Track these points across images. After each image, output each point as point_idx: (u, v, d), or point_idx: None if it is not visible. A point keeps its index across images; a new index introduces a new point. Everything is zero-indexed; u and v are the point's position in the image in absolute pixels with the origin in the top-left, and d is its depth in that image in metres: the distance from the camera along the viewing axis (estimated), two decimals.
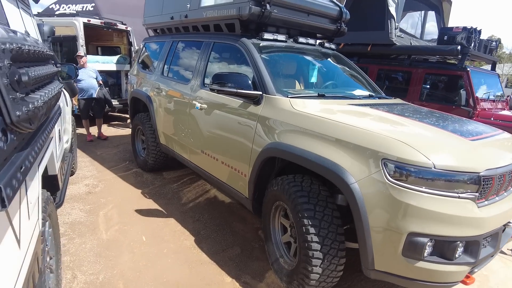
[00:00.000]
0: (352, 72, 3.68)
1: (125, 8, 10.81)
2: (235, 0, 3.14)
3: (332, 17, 3.74)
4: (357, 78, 3.62)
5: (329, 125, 2.15)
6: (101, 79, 6.59)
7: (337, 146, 2.06)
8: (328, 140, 2.11)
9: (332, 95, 2.87)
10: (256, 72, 2.83)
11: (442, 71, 5.10)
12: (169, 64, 4.17)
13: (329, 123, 2.16)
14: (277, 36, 3.23)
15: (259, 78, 2.77)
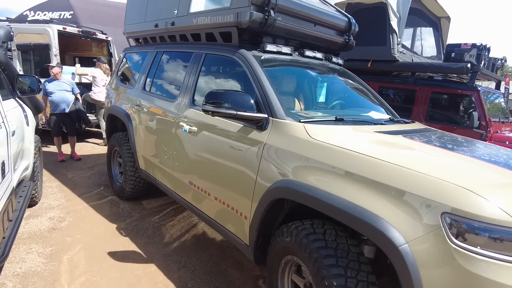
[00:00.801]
0: (363, 91, 3.22)
1: (106, 17, 10.23)
2: (232, 5, 2.66)
3: (340, 28, 3.30)
4: (369, 97, 3.17)
5: (364, 162, 1.64)
6: (78, 92, 5.94)
7: (377, 191, 1.55)
8: (363, 183, 1.60)
9: (350, 119, 2.38)
10: (259, 90, 2.32)
11: (450, 90, 4.77)
12: (152, 78, 3.62)
13: (364, 161, 1.65)
14: (282, 48, 2.74)
15: (264, 98, 2.27)
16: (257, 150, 2.14)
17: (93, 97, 6.82)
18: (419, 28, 6.10)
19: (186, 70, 3.09)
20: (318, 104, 2.94)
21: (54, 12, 10.30)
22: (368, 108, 3.03)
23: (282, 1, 2.61)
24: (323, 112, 2.59)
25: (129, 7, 4.37)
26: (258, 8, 2.55)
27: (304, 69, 2.96)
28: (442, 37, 6.68)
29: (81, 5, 10.46)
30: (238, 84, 2.68)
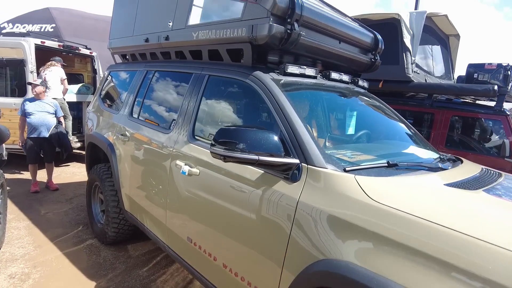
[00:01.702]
0: (394, 118, 2.70)
1: (91, 31, 9.63)
2: (245, 16, 2.12)
3: (366, 46, 2.81)
4: (399, 127, 2.65)
5: (473, 250, 1.08)
6: (62, 115, 5.27)
7: None
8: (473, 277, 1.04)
9: (402, 162, 1.83)
10: (285, 125, 1.76)
11: (474, 114, 4.33)
12: (141, 102, 3.03)
13: (474, 247, 1.09)
14: (305, 70, 2.21)
15: (292, 136, 1.70)
16: (287, 210, 1.56)
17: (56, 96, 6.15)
18: (429, 46, 5.73)
19: (184, 94, 2.51)
20: (350, 138, 2.39)
21: (34, 25, 9.64)
22: (404, 140, 2.52)
23: (308, 12, 2.08)
24: (362, 150, 2.05)
25: (115, 18, 3.81)
26: (279, 19, 2.01)
27: (330, 95, 2.43)
28: (451, 55, 6.32)
29: (64, 17, 9.85)
30: (253, 115, 2.13)
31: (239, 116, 2.24)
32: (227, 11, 2.31)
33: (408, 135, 2.55)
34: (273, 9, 1.95)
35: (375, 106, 2.70)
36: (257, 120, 2.10)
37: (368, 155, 1.91)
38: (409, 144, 2.43)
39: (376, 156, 1.95)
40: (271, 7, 1.95)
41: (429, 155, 2.23)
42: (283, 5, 1.97)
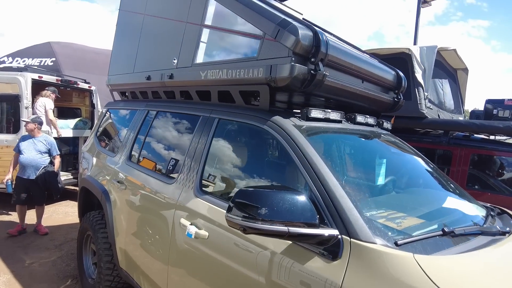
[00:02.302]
0: (422, 163, 2.41)
1: (91, 64, 9.55)
2: (261, 55, 1.88)
3: (389, 84, 2.57)
4: (429, 172, 2.35)
5: None
6: (57, 154, 4.89)
7: None
8: None
9: (457, 228, 1.51)
10: (316, 184, 1.46)
11: (497, 153, 4.07)
12: (141, 145, 2.74)
13: None
14: (330, 114, 1.94)
15: (327, 199, 1.39)
16: None
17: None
18: (439, 80, 5.58)
19: (190, 140, 2.23)
20: (382, 189, 2.08)
21: (34, 59, 9.56)
22: (437, 189, 2.22)
23: (333, 51, 1.84)
24: (401, 207, 1.74)
25: (115, 54, 3.61)
26: (302, 59, 1.77)
27: (356, 140, 2.15)
28: (460, 89, 6.17)
29: (65, 51, 9.80)
30: (272, 167, 1.84)
31: (255, 168, 1.94)
32: (240, 49, 2.07)
33: (440, 181, 2.26)
34: (295, 48, 1.71)
35: (403, 150, 2.43)
36: (278, 173, 1.80)
37: (414, 218, 1.60)
38: (443, 193, 2.13)
39: (421, 216, 1.64)
40: (293, 45, 1.71)
41: (473, 209, 1.92)
42: (306, 43, 1.73)
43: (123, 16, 3.63)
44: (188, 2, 2.52)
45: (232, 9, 2.10)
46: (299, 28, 1.71)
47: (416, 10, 11.67)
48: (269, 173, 1.88)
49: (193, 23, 2.44)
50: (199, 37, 2.36)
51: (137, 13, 3.26)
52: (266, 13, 1.88)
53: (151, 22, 3.05)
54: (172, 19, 2.72)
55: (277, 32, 1.76)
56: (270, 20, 1.82)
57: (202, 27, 2.35)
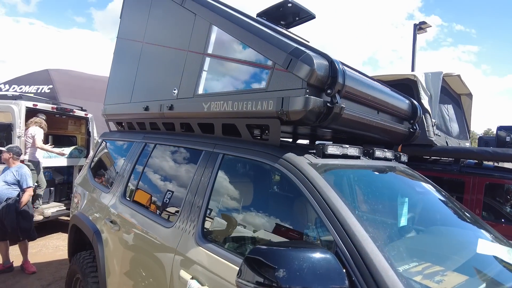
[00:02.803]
0: (442, 198, 2.21)
1: (88, 92, 9.45)
2: (271, 86, 1.71)
3: (404, 115, 2.41)
4: (455, 210, 2.14)
5: None
6: (28, 187, 4.42)
7: None
8: None
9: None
10: (342, 237, 1.24)
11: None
12: (137, 181, 2.53)
13: None
14: (347, 150, 1.75)
15: (357, 258, 1.17)
16: None
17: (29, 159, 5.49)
18: (445, 106, 5.47)
19: (191, 178, 2.01)
20: (408, 233, 1.86)
21: (31, 86, 9.47)
22: (465, 228, 2.00)
23: (350, 81, 1.68)
24: (433, 257, 1.52)
25: (111, 83, 3.46)
26: (316, 90, 1.60)
27: (377, 178, 1.95)
28: (465, 114, 6.05)
29: (62, 79, 9.73)
30: (285, 211, 1.62)
31: (265, 212, 1.73)
32: (247, 80, 1.90)
33: (464, 217, 2.05)
34: (310, 79, 1.54)
35: (422, 185, 2.22)
36: (293, 219, 1.59)
37: (453, 273, 1.37)
38: (472, 232, 1.92)
39: (459, 268, 1.41)
40: (308, 76, 1.54)
41: (508, 254, 1.70)
42: (322, 74, 1.56)
43: (121, 44, 3.51)
44: (189, 29, 2.38)
45: (238, 37, 1.95)
46: (314, 57, 1.54)
47: (413, 37, 11.84)
48: (283, 218, 1.66)
49: (195, 51, 2.29)
50: (201, 67, 2.20)
51: (136, 40, 3.13)
52: (275, 41, 1.73)
53: (150, 50, 2.92)
54: (173, 47, 2.58)
55: (289, 62, 1.60)
56: (280, 49, 1.67)
57: (205, 56, 2.20)
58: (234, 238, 1.75)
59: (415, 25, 11.96)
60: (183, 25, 2.49)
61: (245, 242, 1.69)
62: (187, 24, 2.42)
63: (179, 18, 2.57)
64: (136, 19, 3.27)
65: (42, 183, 5.98)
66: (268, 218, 1.70)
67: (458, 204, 2.21)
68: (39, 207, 5.82)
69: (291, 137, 2.98)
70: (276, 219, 1.69)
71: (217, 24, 2.13)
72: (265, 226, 1.67)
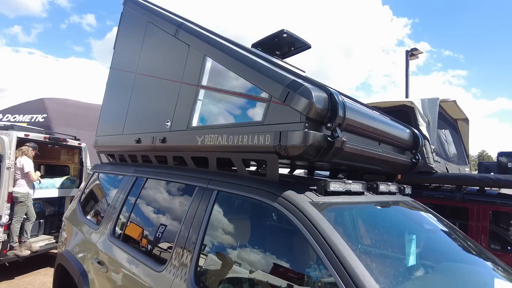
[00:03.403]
0: (450, 233, 2.08)
1: (82, 120, 9.37)
2: (267, 119, 1.62)
3: (405, 144, 2.33)
4: (464, 244, 2.01)
5: None
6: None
7: None
8: None
9: None
10: (342, 279, 1.12)
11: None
12: (127, 218, 2.38)
13: None
14: (351, 186, 1.64)
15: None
16: None
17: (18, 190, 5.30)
18: (442, 131, 5.43)
19: (184, 215, 1.89)
20: (416, 273, 1.72)
21: (25, 115, 9.38)
22: (480, 265, 1.87)
23: (351, 114, 1.60)
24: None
25: (104, 114, 3.38)
26: (316, 124, 1.51)
27: (383, 216, 1.83)
28: (463, 139, 6.02)
29: (57, 107, 9.67)
30: (286, 256, 1.49)
31: (263, 254, 1.59)
32: (243, 112, 1.82)
33: (476, 252, 1.91)
34: (308, 112, 1.46)
35: (427, 218, 2.11)
36: (293, 262, 1.46)
37: None
38: (487, 271, 1.78)
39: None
40: (306, 109, 1.46)
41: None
42: (321, 107, 1.48)
43: (114, 75, 3.46)
44: (183, 60, 2.33)
45: (232, 68, 1.89)
46: (312, 90, 1.47)
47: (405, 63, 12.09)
48: (282, 261, 1.52)
49: (188, 83, 2.23)
50: (195, 99, 2.13)
51: (129, 71, 3.08)
52: (271, 73, 1.66)
53: (143, 81, 2.86)
54: (166, 79, 2.52)
55: (287, 95, 1.52)
56: (277, 82, 1.60)
57: (199, 88, 2.13)
58: (230, 283, 1.60)
59: (407, 51, 12.23)
60: (176, 56, 2.44)
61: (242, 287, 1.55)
62: (181, 55, 2.37)
63: (172, 49, 2.53)
64: (129, 50, 3.24)
65: (32, 215, 5.75)
66: (267, 260, 1.57)
67: (468, 239, 2.09)
68: (27, 241, 5.58)
69: (288, 168, 2.88)
70: (275, 261, 1.55)
71: (211, 55, 2.08)
72: (263, 269, 1.54)
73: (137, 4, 3.18)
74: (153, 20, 2.80)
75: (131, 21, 3.29)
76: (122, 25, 3.47)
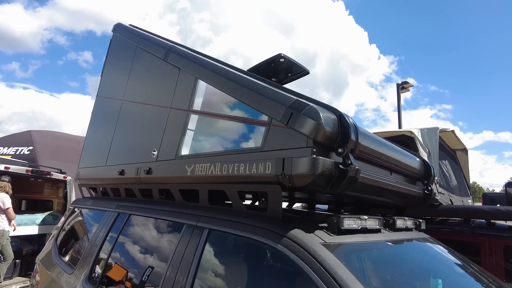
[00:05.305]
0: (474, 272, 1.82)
1: (70, 153, 9.03)
2: (267, 145, 1.40)
3: (417, 174, 2.12)
4: (477, 277, 1.75)
5: None
6: None
7: None
8: None
9: None
10: None
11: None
12: (106, 261, 2.08)
13: None
14: (366, 222, 1.40)
15: None
16: None
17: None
18: (442, 162, 5.28)
19: (170, 259, 1.60)
20: None
21: (10, 148, 9.04)
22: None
23: (363, 138, 1.39)
24: None
25: (87, 145, 3.14)
26: (324, 150, 1.29)
27: (404, 257, 1.58)
28: (463, 170, 5.86)
29: (44, 140, 9.38)
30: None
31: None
32: (238, 138, 1.61)
33: None
34: (316, 135, 1.25)
35: (445, 256, 1.85)
36: None
37: None
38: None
39: None
40: (313, 132, 1.24)
41: None
42: (330, 129, 1.27)
43: (100, 103, 3.26)
44: (173, 85, 2.14)
45: (227, 90, 1.69)
46: (320, 111, 1.27)
47: (397, 95, 12.24)
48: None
49: (178, 108, 2.02)
50: (185, 125, 1.92)
51: (115, 98, 2.88)
52: (271, 93, 1.47)
53: (130, 108, 2.66)
54: (154, 105, 2.32)
55: (290, 116, 1.32)
56: (278, 102, 1.40)
57: (190, 113, 1.93)
58: None
59: (398, 84, 12.42)
60: (166, 80, 2.26)
61: None
62: (171, 79, 2.19)
63: (161, 74, 2.35)
64: (116, 77, 3.07)
65: (8, 255, 5.29)
66: None
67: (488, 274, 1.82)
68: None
69: (287, 202, 2.63)
70: None
71: (203, 78, 1.90)
72: None
73: (126, 30, 3.05)
74: (142, 44, 2.65)
75: (119, 47, 3.14)
76: (111, 52, 3.32)
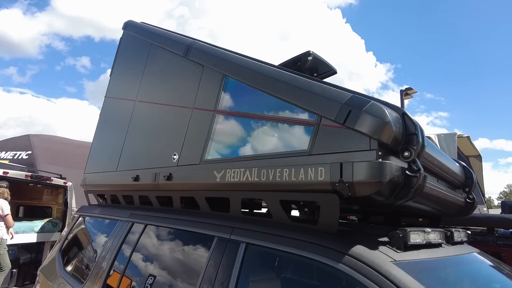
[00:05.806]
0: None
1: (69, 158, 8.83)
2: (316, 147, 1.23)
3: (459, 181, 1.95)
4: None
5: None
6: None
7: None
8: None
9: None
10: None
11: None
12: (120, 277, 1.88)
13: None
14: (430, 235, 1.23)
15: None
16: None
17: None
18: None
19: (200, 277, 1.42)
20: None
21: (8, 152, 8.81)
22: None
23: (427, 142, 1.23)
24: None
25: (95, 148, 2.95)
26: (389, 153, 1.12)
27: (462, 274, 1.40)
28: (477, 177, 5.72)
29: (43, 144, 9.16)
30: None
31: None
32: (279, 140, 1.43)
33: None
34: (381, 136, 1.08)
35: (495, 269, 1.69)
36: None
37: None
38: None
39: None
40: (378, 132, 1.08)
41: None
42: (397, 129, 1.10)
43: (108, 104, 3.08)
44: (195, 83, 1.97)
45: (263, 87, 1.52)
46: (385, 107, 1.10)
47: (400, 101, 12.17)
48: None
49: (203, 108, 1.85)
50: (211, 126, 1.74)
51: (127, 99, 2.71)
52: (318, 89, 1.30)
53: (144, 110, 2.48)
54: (173, 105, 2.15)
55: (347, 114, 1.15)
56: (330, 99, 1.23)
57: (216, 114, 1.75)
58: None
59: (402, 90, 12.36)
60: (187, 79, 2.09)
61: None
62: (192, 77, 2.02)
63: (181, 72, 2.18)
64: (128, 76, 2.89)
65: (6, 265, 5.05)
66: None
67: None
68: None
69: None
70: None
71: (233, 74, 1.73)
72: None
73: (139, 27, 2.89)
74: (158, 41, 2.49)
75: (131, 45, 2.98)
76: (121, 51, 3.15)
